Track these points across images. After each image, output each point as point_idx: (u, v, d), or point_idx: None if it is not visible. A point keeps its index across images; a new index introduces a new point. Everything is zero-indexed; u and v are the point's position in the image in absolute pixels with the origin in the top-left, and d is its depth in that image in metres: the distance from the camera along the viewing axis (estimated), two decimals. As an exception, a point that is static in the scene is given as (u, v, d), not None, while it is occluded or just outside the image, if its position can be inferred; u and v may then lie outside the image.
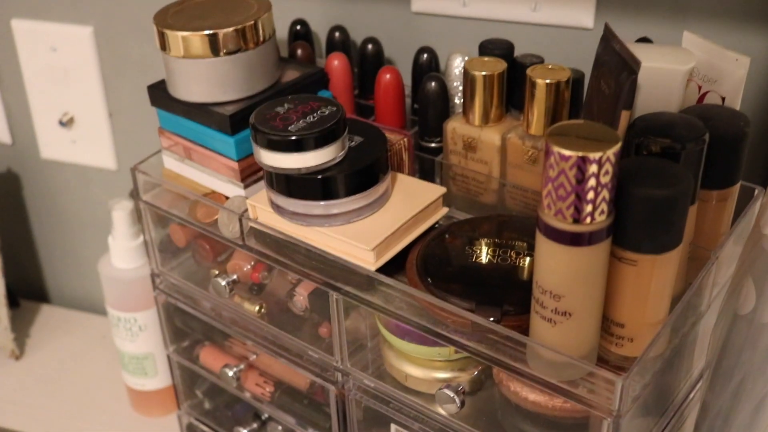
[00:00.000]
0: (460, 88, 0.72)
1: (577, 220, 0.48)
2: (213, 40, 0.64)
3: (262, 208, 0.65)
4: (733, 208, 0.60)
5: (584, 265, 0.50)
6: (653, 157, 0.52)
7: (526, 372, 0.55)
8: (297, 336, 0.69)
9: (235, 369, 0.74)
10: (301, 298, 0.67)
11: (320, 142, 0.59)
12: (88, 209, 1.04)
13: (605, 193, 0.48)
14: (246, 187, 0.68)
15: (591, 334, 0.53)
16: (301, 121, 0.60)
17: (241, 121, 0.66)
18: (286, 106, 0.62)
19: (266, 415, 0.80)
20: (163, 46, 0.66)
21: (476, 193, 0.69)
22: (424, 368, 0.63)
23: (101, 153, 0.98)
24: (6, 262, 1.00)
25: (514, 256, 0.61)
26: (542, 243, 0.50)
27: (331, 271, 0.62)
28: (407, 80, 0.75)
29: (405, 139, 0.68)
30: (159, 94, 0.70)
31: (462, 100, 0.69)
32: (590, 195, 0.48)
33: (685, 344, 0.61)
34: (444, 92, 0.70)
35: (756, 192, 0.63)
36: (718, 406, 0.61)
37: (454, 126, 0.68)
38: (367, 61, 0.76)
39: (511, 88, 0.68)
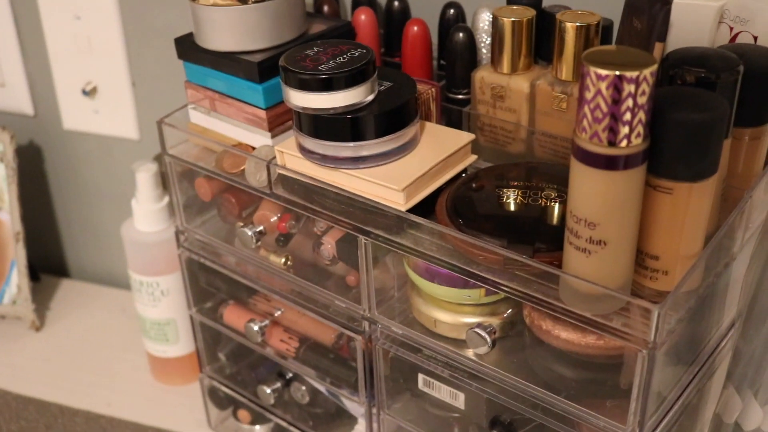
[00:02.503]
0: (488, 41, 0.71)
1: (612, 143, 0.48)
2: (242, -14, 0.64)
3: (290, 154, 0.64)
4: (766, 147, 0.59)
5: (620, 191, 0.49)
6: (688, 87, 0.52)
7: (559, 307, 0.54)
8: (323, 287, 0.69)
9: (260, 324, 0.74)
10: (328, 247, 0.67)
11: (350, 81, 0.59)
12: (110, 182, 1.04)
13: (642, 115, 0.47)
14: (273, 136, 0.68)
15: (625, 265, 0.52)
16: (331, 62, 0.60)
17: (269, 70, 0.66)
18: (315, 49, 0.62)
19: (290, 375, 0.79)
20: (192, -6, 0.66)
21: (504, 143, 0.69)
22: (453, 313, 0.62)
23: (124, 123, 0.98)
24: (27, 236, 1.00)
25: (544, 199, 0.61)
26: (577, 169, 0.50)
27: (360, 215, 0.62)
28: (434, 38, 0.75)
29: (433, 90, 0.68)
30: (186, 46, 0.70)
31: (490, 53, 0.69)
32: (627, 116, 0.47)
33: (717, 286, 0.60)
34: (472, 43, 0.70)
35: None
36: (750, 353, 0.60)
37: (483, 75, 0.68)
38: (393, 19, 0.76)
39: (540, 40, 0.68)
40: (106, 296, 1.08)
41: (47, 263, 1.13)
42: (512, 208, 0.61)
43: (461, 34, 0.69)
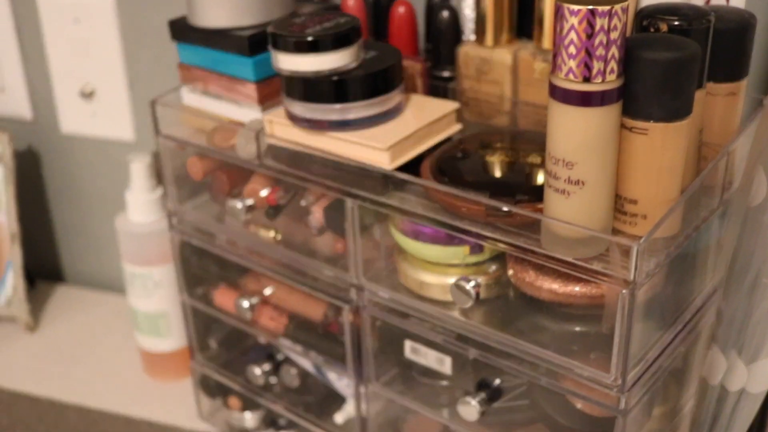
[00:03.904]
0: (473, 17, 0.73)
1: (587, 79, 0.49)
2: (233, -39, 0.67)
3: (279, 122, 0.66)
4: (742, 105, 0.61)
5: (596, 128, 0.51)
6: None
7: (541, 254, 0.55)
8: (312, 258, 0.69)
9: (249, 300, 0.75)
10: (316, 216, 0.68)
11: (336, 43, 0.61)
12: (106, 187, 1.05)
13: (615, 51, 0.49)
14: (263, 110, 0.69)
15: (604, 207, 0.53)
16: (317, 27, 0.62)
17: (258, 44, 0.68)
18: (303, 17, 0.64)
19: (281, 358, 0.79)
20: (185, -30, 0.68)
21: (489, 116, 0.70)
22: (438, 275, 0.63)
23: (120, 124, 1.00)
24: (23, 242, 1.01)
25: (528, 164, 0.62)
26: (554, 109, 0.51)
27: (347, 179, 0.63)
28: (420, 24, 0.77)
29: (418, 65, 0.70)
30: (179, 27, 0.72)
31: (474, 33, 0.71)
32: (600, 51, 0.49)
33: (698, 244, 0.61)
34: (456, 22, 0.72)
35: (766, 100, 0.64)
36: (732, 312, 0.61)
37: (467, 50, 0.70)
38: (381, 5, 0.78)
39: (522, 18, 0.70)
40: (101, 300, 1.09)
41: (43, 269, 1.13)
42: (496, 170, 0.62)
43: (446, 13, 0.71)
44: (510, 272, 0.59)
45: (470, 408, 0.62)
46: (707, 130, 0.60)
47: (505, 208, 0.56)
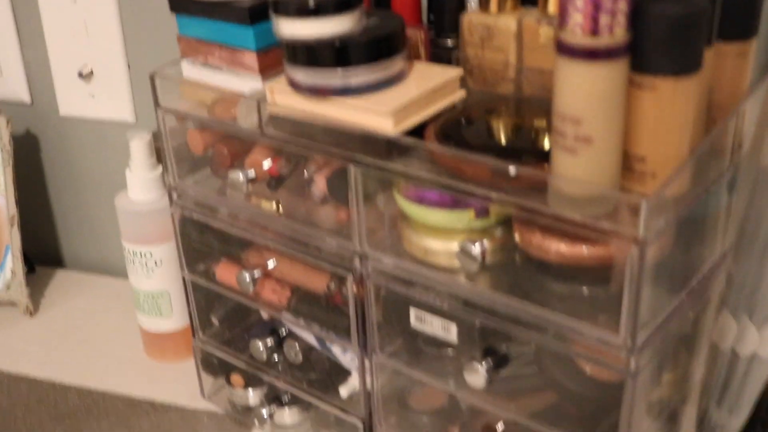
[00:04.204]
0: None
1: (595, 33, 0.49)
2: (233, -72, 0.66)
3: (281, 89, 0.65)
4: (751, 67, 0.60)
5: (603, 84, 0.50)
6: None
7: (548, 213, 0.54)
8: (315, 228, 0.69)
9: (251, 273, 0.74)
10: (319, 185, 0.67)
11: (338, 8, 0.60)
12: (105, 170, 1.05)
13: (622, 4, 0.48)
14: (264, 80, 0.69)
15: (612, 165, 0.52)
16: (319, -9, 0.61)
17: (259, 14, 0.67)
18: (304, -16, 0.63)
19: (284, 332, 0.79)
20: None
21: (494, 84, 0.69)
22: (444, 240, 0.62)
23: (120, 106, 0.99)
24: (22, 227, 1.00)
25: (532, 126, 0.62)
26: (561, 65, 0.51)
27: (350, 145, 0.62)
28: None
29: (421, 33, 0.69)
30: (178, -1, 0.72)
31: (477, 3, 0.70)
32: (607, 3, 0.48)
33: (708, 208, 0.60)
34: (459, -11, 0.71)
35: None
36: (743, 276, 0.60)
37: (471, 17, 0.69)
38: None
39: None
40: (102, 284, 1.08)
41: (42, 254, 1.12)
42: (501, 135, 0.62)
43: (449, -20, 0.71)
44: (516, 236, 0.59)
45: (477, 375, 0.61)
46: (716, 92, 0.59)
47: (512, 169, 0.55)
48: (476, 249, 0.58)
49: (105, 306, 1.04)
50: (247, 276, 0.74)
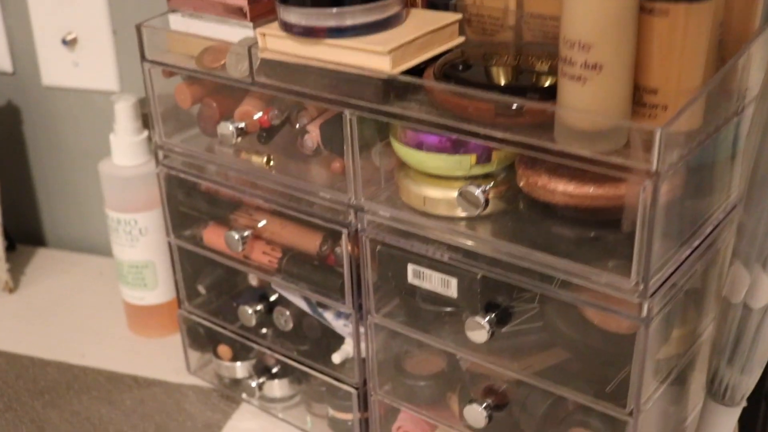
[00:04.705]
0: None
1: (607, -51, 0.46)
2: None
3: (272, 34, 0.62)
4: (762, 7, 0.58)
5: (614, 6, 0.47)
6: None
7: (556, 149, 0.51)
8: (307, 182, 0.66)
9: (241, 232, 0.71)
10: (312, 135, 0.64)
11: (333, -57, 0.58)
12: (89, 143, 1.01)
13: None
14: (255, 27, 0.66)
15: (622, 95, 0.50)
16: (312, -75, 0.59)
17: (250, -43, 0.64)
18: None
19: (273, 298, 0.75)
20: None
21: (493, 32, 0.67)
22: (443, 188, 0.59)
23: (104, 74, 0.96)
24: (3, 204, 0.97)
25: (534, 69, 0.59)
26: (570, -13, 0.48)
27: (345, 89, 0.60)
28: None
29: (418, -20, 0.66)
30: (166, -55, 0.69)
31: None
32: None
33: (716, 149, 0.58)
34: (457, -64, 0.68)
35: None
36: (755, 224, 0.57)
37: (469, -37, 0.67)
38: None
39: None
40: (84, 262, 1.04)
41: (23, 232, 1.09)
42: (502, 77, 0.59)
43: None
44: (520, 180, 0.56)
45: (480, 329, 0.58)
46: (726, 33, 0.56)
47: (516, 102, 0.52)
48: (478, 191, 0.55)
49: (87, 283, 1.00)
50: (236, 235, 0.70)
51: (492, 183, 0.57)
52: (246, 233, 0.71)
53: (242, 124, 0.67)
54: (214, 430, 0.78)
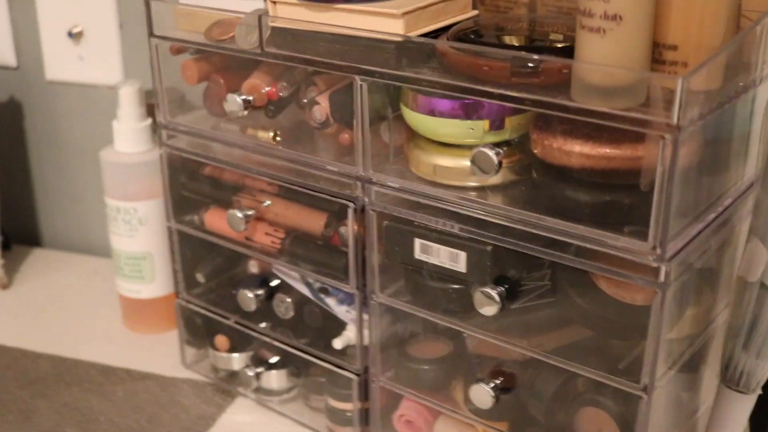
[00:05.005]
0: None
1: None
2: None
3: (283, 2, 0.62)
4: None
5: (636, -46, 0.47)
6: None
7: (573, 107, 0.50)
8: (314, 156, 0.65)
9: (244, 211, 0.69)
10: (321, 106, 0.63)
11: None
12: (91, 141, 1.00)
13: None
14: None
15: (642, 49, 0.49)
16: None
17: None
18: None
19: (275, 283, 0.73)
20: None
21: (506, 10, 0.66)
22: (454, 157, 0.58)
23: (109, 68, 0.95)
24: (1, 203, 0.96)
25: (547, 38, 0.58)
26: (591, -65, 0.47)
27: (356, 54, 0.59)
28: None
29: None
30: None
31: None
32: None
33: (733, 120, 0.57)
34: None
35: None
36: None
37: (483, -58, 0.66)
38: None
39: None
40: (81, 262, 1.02)
41: (20, 231, 1.07)
42: (516, 42, 0.58)
43: None
44: (535, 147, 0.54)
45: (489, 301, 0.56)
46: (745, 3, 0.56)
47: (533, 59, 0.51)
48: (492, 153, 0.54)
49: (83, 282, 0.98)
50: (239, 213, 0.69)
51: (506, 148, 0.56)
52: (249, 212, 0.69)
53: (250, 97, 0.66)
54: (209, 422, 0.75)
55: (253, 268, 0.76)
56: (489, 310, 0.57)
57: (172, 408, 0.77)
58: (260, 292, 0.72)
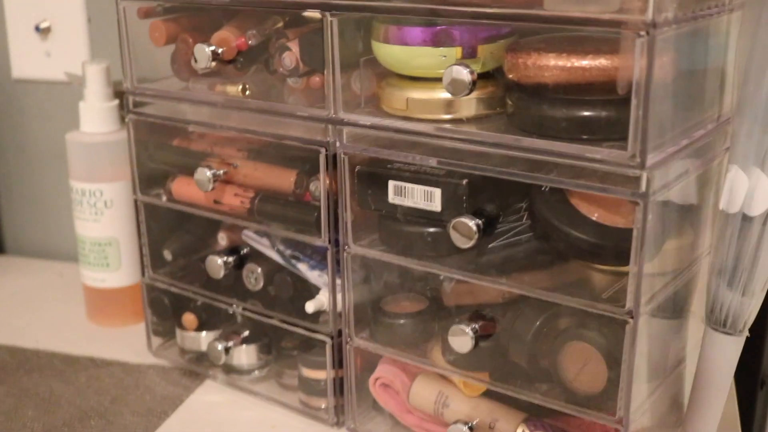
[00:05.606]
0: None
1: None
2: None
3: (253, -55, 0.61)
4: None
5: None
6: None
7: (548, 16, 0.49)
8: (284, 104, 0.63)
9: (212, 170, 0.67)
10: (291, 53, 0.62)
11: None
12: (56, 145, 0.98)
13: None
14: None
15: (615, -48, 0.48)
16: None
17: None
18: None
19: (244, 251, 0.71)
20: None
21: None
22: (426, 90, 0.57)
23: (77, 65, 0.94)
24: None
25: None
26: None
27: (326, -9, 0.58)
28: None
29: None
30: None
31: None
32: None
33: (707, 42, 0.56)
34: None
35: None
36: (750, 125, 0.55)
37: None
38: None
39: None
40: (45, 267, 0.99)
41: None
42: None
43: None
44: (510, 70, 0.53)
45: (467, 230, 0.55)
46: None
47: (505, -29, 0.51)
48: (465, 71, 0.53)
49: (47, 284, 0.94)
50: (207, 171, 0.67)
51: (478, 75, 0.54)
52: (218, 171, 0.67)
53: (220, 49, 0.64)
54: (176, 402, 0.71)
55: (222, 240, 0.74)
56: (465, 243, 0.55)
57: (136, 390, 0.73)
58: (229, 259, 0.70)
